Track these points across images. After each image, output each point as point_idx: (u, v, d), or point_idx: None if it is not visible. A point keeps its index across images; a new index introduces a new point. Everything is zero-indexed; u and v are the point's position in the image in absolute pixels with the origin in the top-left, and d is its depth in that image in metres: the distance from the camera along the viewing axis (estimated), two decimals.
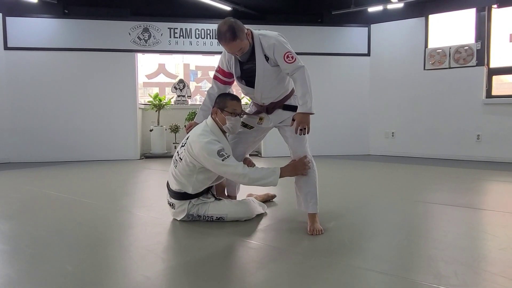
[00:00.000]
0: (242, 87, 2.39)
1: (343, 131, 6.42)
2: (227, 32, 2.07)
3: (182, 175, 2.33)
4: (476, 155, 5.72)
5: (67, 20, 5.87)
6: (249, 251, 1.96)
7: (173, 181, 2.38)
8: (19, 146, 5.80)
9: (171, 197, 2.41)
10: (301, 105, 2.13)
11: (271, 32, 2.23)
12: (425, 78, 6.11)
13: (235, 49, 2.14)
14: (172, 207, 2.43)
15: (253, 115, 2.49)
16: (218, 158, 2.15)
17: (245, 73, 2.31)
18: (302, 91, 2.13)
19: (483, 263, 1.74)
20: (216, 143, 2.21)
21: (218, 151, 2.17)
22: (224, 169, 2.18)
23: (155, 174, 4.74)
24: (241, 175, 2.18)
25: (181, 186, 2.34)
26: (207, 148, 2.17)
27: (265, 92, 2.30)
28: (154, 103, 6.35)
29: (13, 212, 2.76)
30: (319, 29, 6.50)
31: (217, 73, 2.44)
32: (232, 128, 2.36)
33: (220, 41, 2.14)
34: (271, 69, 2.22)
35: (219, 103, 2.33)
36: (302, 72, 2.14)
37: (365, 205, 2.92)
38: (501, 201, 3.07)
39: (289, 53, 2.14)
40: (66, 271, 1.67)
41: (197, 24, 6.23)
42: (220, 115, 2.31)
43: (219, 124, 2.33)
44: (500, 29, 5.62)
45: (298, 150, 2.31)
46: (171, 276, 1.64)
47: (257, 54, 2.19)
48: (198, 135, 2.25)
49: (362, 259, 1.81)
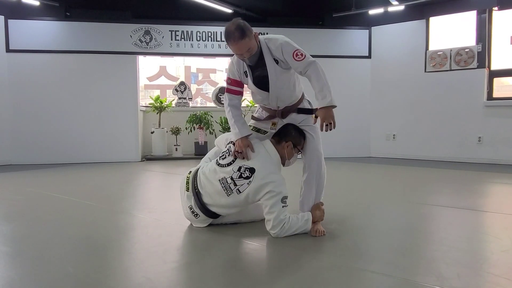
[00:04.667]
0: (257, 92, 2.33)
1: (344, 133, 6.39)
2: (236, 31, 2.04)
3: (231, 206, 2.22)
4: (478, 157, 5.71)
5: (68, 22, 5.89)
6: (251, 253, 1.96)
7: (214, 202, 2.23)
8: (20, 148, 5.80)
9: (199, 209, 2.27)
10: (321, 100, 2.09)
11: (276, 35, 2.22)
12: (426, 80, 6.11)
13: (244, 49, 2.08)
14: (195, 216, 2.30)
15: (265, 120, 2.48)
16: (280, 204, 2.08)
17: (257, 79, 2.28)
18: (319, 86, 2.10)
19: (486, 265, 1.74)
20: (285, 184, 2.14)
21: (283, 198, 2.10)
22: (276, 213, 2.08)
23: (156, 176, 4.75)
24: (282, 221, 2.08)
25: (220, 211, 2.25)
26: (278, 188, 2.09)
27: (281, 95, 2.29)
28: (155, 105, 6.36)
29: (15, 214, 2.76)
30: (320, 31, 6.52)
31: (230, 86, 2.35)
32: (291, 163, 2.35)
33: (229, 40, 2.09)
34: (283, 71, 2.21)
35: (294, 138, 2.26)
36: (314, 67, 2.12)
37: (367, 207, 2.91)
38: (503, 203, 3.07)
39: (298, 51, 2.12)
40: (67, 272, 1.67)
41: (198, 27, 6.25)
42: (291, 150, 2.26)
43: (283, 156, 2.26)
44: (501, 31, 5.62)
45: (312, 150, 2.32)
46: (173, 278, 1.64)
47: (267, 58, 2.17)
48: (271, 173, 2.14)
49: (364, 260, 1.80)
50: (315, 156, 2.33)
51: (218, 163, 2.26)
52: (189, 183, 2.32)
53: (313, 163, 2.33)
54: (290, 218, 2.12)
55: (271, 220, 2.09)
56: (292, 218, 2.13)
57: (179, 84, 7.02)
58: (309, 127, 2.38)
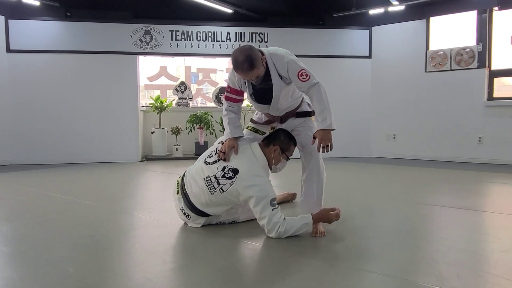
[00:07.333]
0: (255, 104, 2.37)
1: (345, 133, 6.40)
2: (245, 63, 2.02)
3: (216, 204, 2.23)
4: (478, 157, 5.70)
5: (69, 22, 5.89)
6: (251, 253, 1.96)
7: (200, 202, 2.25)
8: (21, 148, 5.81)
9: (190, 209, 2.30)
10: (321, 122, 2.11)
11: (282, 50, 2.21)
12: (427, 80, 6.11)
13: (252, 77, 2.10)
14: (187, 217, 2.33)
15: (264, 124, 2.49)
16: (269, 207, 2.06)
17: (257, 92, 2.28)
18: (320, 108, 2.12)
19: (486, 265, 1.74)
20: (271, 187, 2.13)
21: (272, 200, 2.08)
22: (267, 217, 2.07)
23: (157, 176, 4.75)
24: (276, 224, 2.06)
25: (207, 210, 2.26)
26: (263, 192, 2.08)
27: (282, 106, 2.32)
28: (155, 106, 6.36)
29: (15, 214, 2.76)
30: (321, 31, 6.51)
31: (229, 94, 2.36)
32: (279, 170, 2.34)
33: (237, 70, 2.09)
34: (286, 87, 2.22)
35: (283, 143, 2.25)
36: (318, 88, 2.12)
37: (367, 207, 2.91)
38: (503, 203, 3.07)
39: (303, 71, 2.12)
40: (68, 273, 1.67)
41: (198, 27, 6.25)
42: (278, 155, 2.24)
43: (270, 160, 2.25)
44: (501, 31, 5.62)
45: (311, 149, 2.32)
46: (173, 278, 1.64)
47: (273, 75, 2.17)
48: (255, 175, 2.12)
49: (364, 261, 1.81)
50: (313, 155, 2.34)
51: (205, 161, 2.29)
52: (178, 186, 2.37)
53: (312, 161, 2.35)
54: (285, 220, 2.10)
55: (264, 225, 2.09)
56: (288, 221, 2.10)
57: (180, 84, 7.02)
58: (308, 127, 2.39)
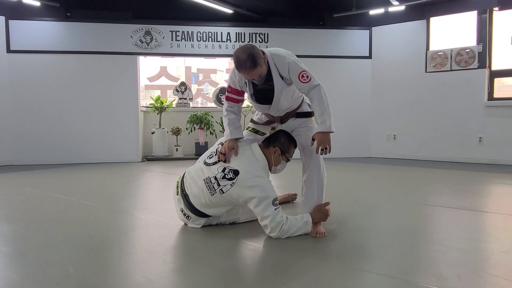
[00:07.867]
0: (255, 105, 2.37)
1: (345, 133, 6.40)
2: (247, 61, 2.02)
3: (216, 205, 2.22)
4: (478, 158, 5.70)
5: (69, 23, 5.89)
6: (252, 254, 1.96)
7: (199, 202, 2.23)
8: (21, 148, 5.81)
9: (189, 210, 2.29)
10: (320, 124, 2.12)
11: (283, 51, 2.21)
12: (427, 80, 6.11)
13: (255, 76, 2.10)
14: (187, 218, 2.33)
15: (264, 125, 2.49)
16: (271, 206, 2.06)
17: (258, 92, 2.29)
18: (320, 110, 2.12)
19: (486, 266, 1.74)
20: (272, 187, 2.13)
21: (274, 200, 2.08)
22: (270, 217, 2.07)
23: (157, 177, 4.75)
24: (280, 223, 2.06)
25: (207, 211, 2.26)
26: (265, 192, 2.08)
27: (282, 107, 2.32)
28: (155, 106, 6.36)
29: (15, 214, 2.77)
30: (321, 31, 6.51)
31: (230, 94, 2.36)
32: (278, 171, 2.34)
33: (240, 69, 2.08)
34: (287, 87, 2.22)
35: (283, 144, 2.24)
36: (318, 90, 2.12)
37: (367, 208, 2.91)
38: (504, 203, 3.06)
39: (304, 72, 2.12)
40: (68, 273, 1.67)
41: (198, 27, 6.25)
42: (278, 157, 2.24)
43: (270, 161, 2.24)
44: (501, 32, 5.62)
45: (311, 150, 2.32)
46: (173, 278, 1.64)
47: (274, 76, 2.17)
48: (256, 176, 2.12)
49: (365, 261, 1.81)
50: (313, 155, 2.33)
51: (205, 162, 2.28)
52: (178, 187, 2.36)
53: (313, 162, 2.35)
54: (288, 219, 2.11)
55: (267, 225, 2.09)
56: (290, 219, 2.12)
57: (180, 84, 7.02)
58: (308, 128, 2.39)
